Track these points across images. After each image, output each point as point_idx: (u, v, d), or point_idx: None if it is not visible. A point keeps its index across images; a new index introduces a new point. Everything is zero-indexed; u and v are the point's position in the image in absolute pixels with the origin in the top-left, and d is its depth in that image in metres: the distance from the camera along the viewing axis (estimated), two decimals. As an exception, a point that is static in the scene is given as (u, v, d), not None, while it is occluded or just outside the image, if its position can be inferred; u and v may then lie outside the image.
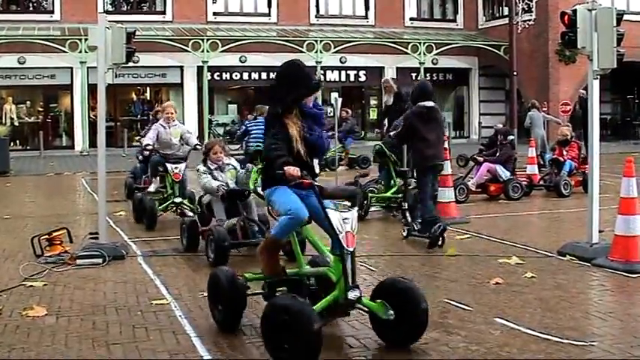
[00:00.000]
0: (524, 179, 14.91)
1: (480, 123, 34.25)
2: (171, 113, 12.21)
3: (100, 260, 8.74)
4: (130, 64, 9.82)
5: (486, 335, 5.84)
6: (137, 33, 10.02)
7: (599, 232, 8.85)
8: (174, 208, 12.07)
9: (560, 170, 14.84)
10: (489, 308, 6.63)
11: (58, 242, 9.26)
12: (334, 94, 29.96)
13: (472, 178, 14.48)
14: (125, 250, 9.41)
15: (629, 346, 5.56)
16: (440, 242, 9.50)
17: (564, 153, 15.21)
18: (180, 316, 6.56)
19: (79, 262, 8.69)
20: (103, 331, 6.14)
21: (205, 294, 7.06)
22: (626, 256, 8.11)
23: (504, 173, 14.19)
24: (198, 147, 11.69)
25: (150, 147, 12.03)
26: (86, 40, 20.54)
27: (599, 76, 8.65)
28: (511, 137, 15.20)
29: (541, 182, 15.34)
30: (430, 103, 10.09)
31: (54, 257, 8.91)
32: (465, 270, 8.36)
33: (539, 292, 7.23)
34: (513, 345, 5.60)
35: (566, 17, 8.61)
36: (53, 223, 11.05)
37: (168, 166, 11.78)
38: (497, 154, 14.45)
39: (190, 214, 11.37)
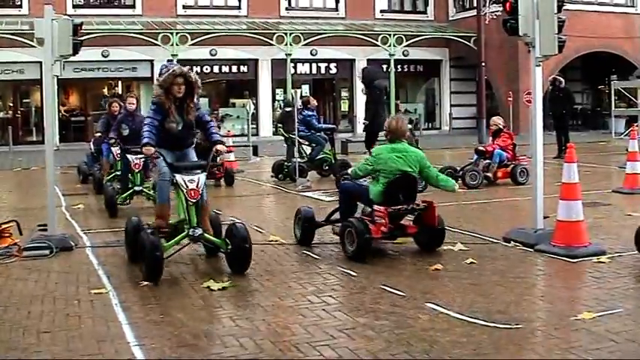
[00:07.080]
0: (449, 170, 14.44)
1: (450, 114, 34.38)
2: None
3: (47, 252, 8.73)
4: (100, 57, 9.80)
5: (414, 320, 5.90)
6: (107, 27, 9.97)
7: (544, 217, 8.93)
8: None
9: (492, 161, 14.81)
10: (423, 294, 6.68)
11: (7, 235, 9.18)
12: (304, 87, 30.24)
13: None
14: (74, 241, 9.39)
15: (552, 328, 5.64)
16: None
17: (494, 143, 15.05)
18: (115, 304, 6.57)
19: (25, 253, 8.67)
20: (36, 320, 6.14)
21: (145, 284, 7.16)
22: (567, 241, 8.20)
23: None
24: None
25: None
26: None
27: (540, 64, 8.76)
28: None
29: (460, 173, 14.64)
30: None
31: (1, 250, 8.86)
32: (406, 257, 8.40)
33: (476, 277, 7.29)
34: (438, 329, 5.64)
35: (508, 4, 8.70)
36: (10, 216, 10.98)
37: None
38: None
39: None
